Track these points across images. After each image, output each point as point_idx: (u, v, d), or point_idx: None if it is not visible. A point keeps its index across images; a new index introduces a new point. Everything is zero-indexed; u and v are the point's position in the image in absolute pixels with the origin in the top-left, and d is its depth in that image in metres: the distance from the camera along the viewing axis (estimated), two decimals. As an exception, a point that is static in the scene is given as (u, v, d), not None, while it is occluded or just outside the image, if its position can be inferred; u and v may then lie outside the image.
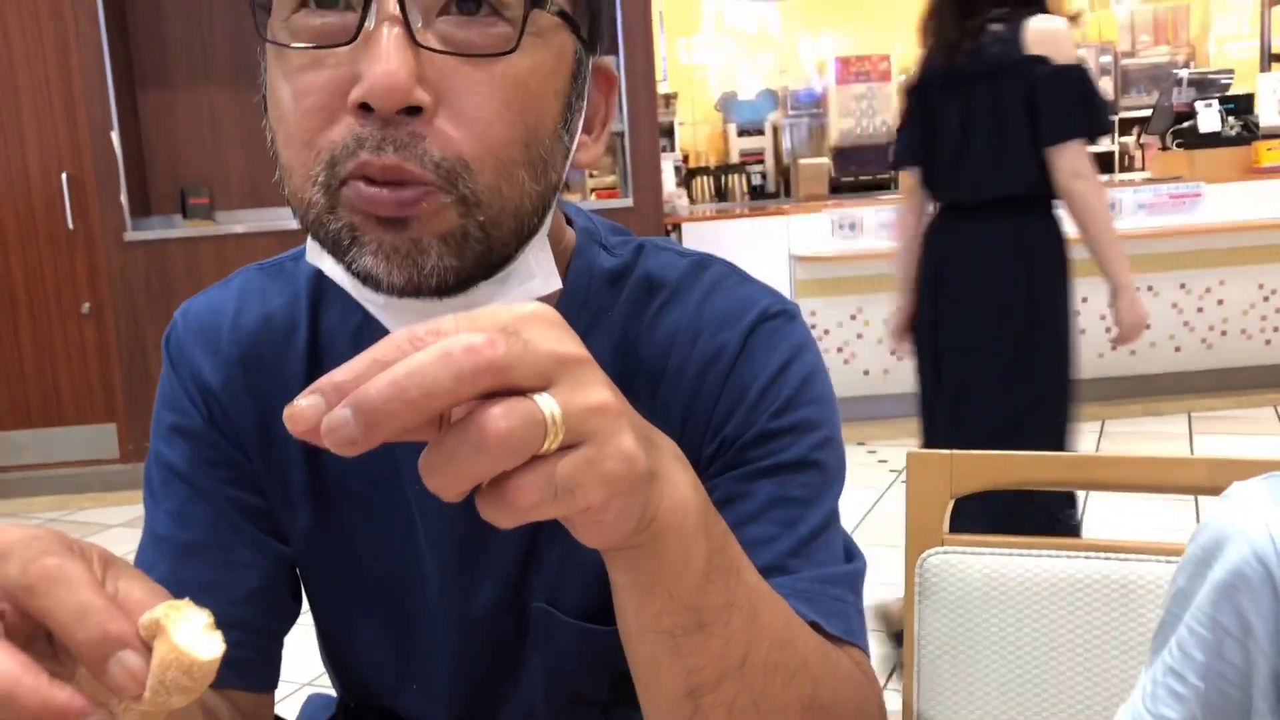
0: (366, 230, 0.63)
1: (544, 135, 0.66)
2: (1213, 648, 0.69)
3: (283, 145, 0.65)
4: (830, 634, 0.70)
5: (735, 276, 0.81)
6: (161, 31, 5.10)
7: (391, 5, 0.60)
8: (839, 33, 9.24)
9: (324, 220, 0.64)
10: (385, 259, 0.63)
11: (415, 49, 0.60)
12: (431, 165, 0.61)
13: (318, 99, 0.62)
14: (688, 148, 8.95)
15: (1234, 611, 0.69)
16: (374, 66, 0.59)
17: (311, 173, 0.63)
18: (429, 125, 0.61)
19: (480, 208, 0.63)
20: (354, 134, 0.61)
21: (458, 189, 0.62)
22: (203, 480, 0.80)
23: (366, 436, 0.41)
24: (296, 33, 0.63)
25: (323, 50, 0.62)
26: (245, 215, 5.14)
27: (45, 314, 5.02)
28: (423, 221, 0.62)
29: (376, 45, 0.60)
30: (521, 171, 0.65)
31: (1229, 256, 5.19)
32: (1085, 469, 1.04)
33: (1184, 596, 0.73)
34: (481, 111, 0.62)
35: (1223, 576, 0.69)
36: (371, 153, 0.61)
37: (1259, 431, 4.72)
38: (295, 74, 0.63)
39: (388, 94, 0.59)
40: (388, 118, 0.60)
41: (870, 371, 5.27)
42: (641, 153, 5.06)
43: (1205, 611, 0.70)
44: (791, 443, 0.75)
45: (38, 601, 0.44)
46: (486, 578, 0.80)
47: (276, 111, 0.65)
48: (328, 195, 0.63)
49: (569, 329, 0.47)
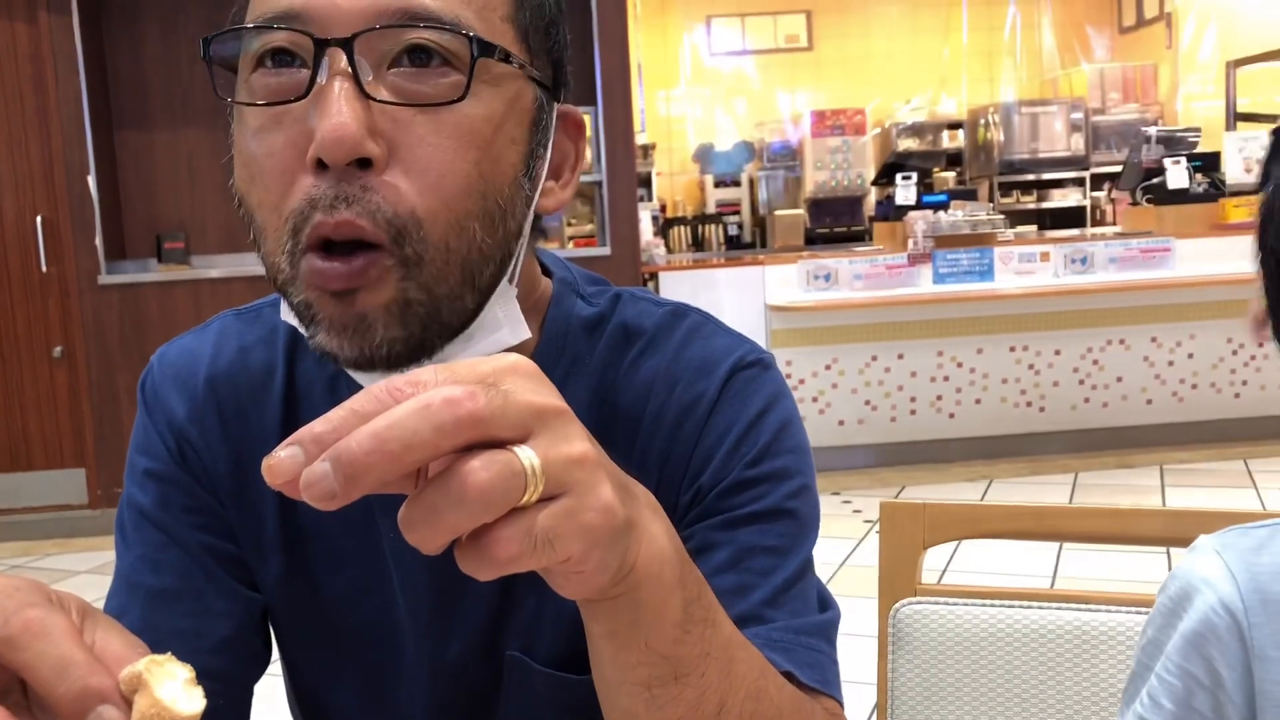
0: (320, 306, 0.64)
1: (502, 183, 0.67)
2: (1182, 697, 0.70)
3: (254, 209, 0.66)
4: (805, 684, 0.70)
5: (711, 325, 0.82)
6: (139, 76, 5.11)
7: (341, 60, 0.61)
8: (814, 87, 9.36)
9: (288, 291, 0.65)
10: (336, 335, 0.64)
11: (365, 101, 0.61)
12: (384, 221, 0.62)
13: (279, 160, 0.63)
14: (665, 197, 9.02)
15: (1203, 661, 0.69)
16: (324, 121, 0.60)
17: (281, 240, 0.64)
18: (380, 178, 0.62)
19: (422, 267, 0.64)
20: (309, 197, 0.62)
21: (403, 249, 0.63)
22: (176, 526, 0.80)
23: (346, 490, 0.41)
24: (254, 91, 0.65)
25: (279, 108, 0.63)
26: (220, 260, 5.13)
27: (16, 357, 4.97)
28: (368, 291, 0.63)
29: (327, 100, 0.61)
30: (474, 223, 0.65)
31: (1198, 310, 5.26)
32: (1055, 521, 1.04)
33: (1154, 646, 0.73)
34: (434, 162, 0.63)
35: (1191, 627, 0.70)
36: (324, 212, 0.62)
37: (1230, 484, 4.75)
38: (256, 135, 0.64)
39: (336, 145, 0.60)
40: (340, 173, 0.61)
41: (845, 421, 5.28)
42: (619, 202, 5.10)
43: (1175, 661, 0.71)
44: (767, 491, 0.75)
45: (17, 655, 0.44)
46: (461, 626, 0.80)
47: (244, 174, 0.66)
48: (292, 265, 0.64)
49: (547, 381, 0.48)
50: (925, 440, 5.34)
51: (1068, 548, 3.88)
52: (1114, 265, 5.21)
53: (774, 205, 8.84)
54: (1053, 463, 5.25)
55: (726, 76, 9.43)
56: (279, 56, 0.64)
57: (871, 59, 9.34)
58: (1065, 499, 4.66)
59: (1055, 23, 9.43)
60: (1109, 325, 5.28)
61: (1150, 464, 5.11)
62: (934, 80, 9.39)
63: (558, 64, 0.72)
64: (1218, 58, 8.04)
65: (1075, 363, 5.32)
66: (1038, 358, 5.29)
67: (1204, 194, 5.56)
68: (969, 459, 5.35)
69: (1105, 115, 8.78)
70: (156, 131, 5.13)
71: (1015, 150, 8.59)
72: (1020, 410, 5.33)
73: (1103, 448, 5.36)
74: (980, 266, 5.19)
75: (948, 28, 9.38)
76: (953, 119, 9.11)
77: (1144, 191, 5.72)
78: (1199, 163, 5.65)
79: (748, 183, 9.05)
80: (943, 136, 9.00)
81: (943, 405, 5.30)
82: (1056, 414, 5.35)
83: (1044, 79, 9.50)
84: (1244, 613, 0.69)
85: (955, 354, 5.27)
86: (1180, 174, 5.52)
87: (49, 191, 4.89)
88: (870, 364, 5.25)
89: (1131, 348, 5.30)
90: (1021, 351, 5.29)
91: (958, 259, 5.19)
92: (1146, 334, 5.30)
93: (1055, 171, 8.63)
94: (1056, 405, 5.34)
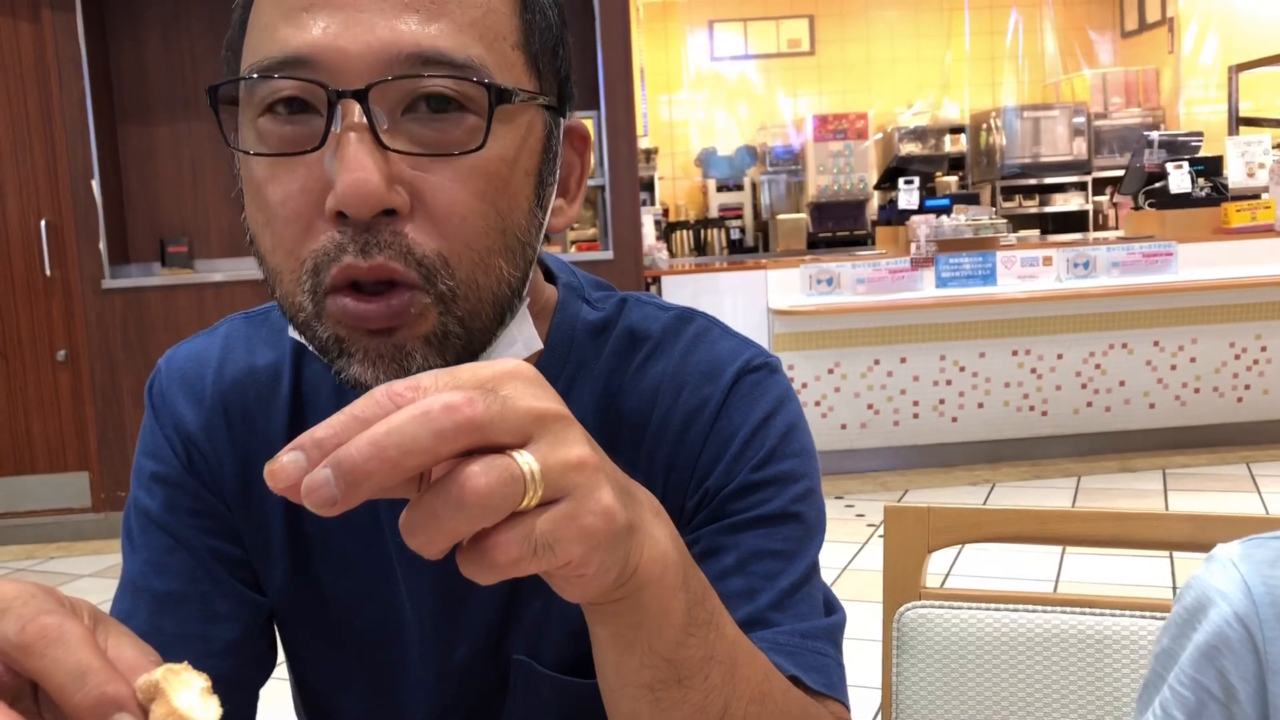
0: (353, 340, 0.64)
1: (519, 218, 0.67)
2: (1194, 710, 0.70)
3: (268, 252, 0.66)
4: (811, 688, 0.70)
5: (717, 330, 0.82)
6: (144, 80, 5.12)
7: (357, 111, 0.61)
8: (817, 91, 9.37)
9: (312, 326, 0.65)
10: (372, 365, 0.64)
11: (383, 152, 0.61)
12: (415, 263, 0.62)
13: (294, 207, 0.63)
14: (668, 202, 9.03)
15: (1216, 674, 0.69)
16: (345, 175, 0.60)
17: (301, 280, 0.64)
18: (405, 224, 0.62)
19: (457, 302, 0.64)
20: (335, 241, 0.62)
21: (436, 286, 0.63)
22: (182, 529, 0.80)
23: (346, 496, 0.41)
24: (264, 137, 0.64)
25: (292, 157, 0.63)
26: (224, 264, 5.14)
27: (20, 360, 4.98)
28: (408, 326, 0.63)
29: (345, 153, 0.60)
30: (498, 260, 0.66)
31: (1201, 314, 5.26)
32: (1059, 524, 1.04)
33: (1168, 656, 0.73)
34: (455, 206, 0.63)
35: (1205, 639, 0.70)
36: (356, 255, 0.61)
37: (1233, 489, 4.75)
38: (270, 183, 0.64)
39: (361, 201, 0.60)
40: (366, 223, 0.61)
41: (847, 425, 5.28)
42: (621, 206, 5.10)
43: (1188, 673, 0.70)
44: (773, 495, 0.75)
45: (33, 661, 0.44)
46: (467, 629, 0.80)
47: (258, 218, 0.66)
48: (314, 302, 0.64)
49: (547, 385, 0.48)
50: (927, 444, 5.34)
51: (1070, 552, 3.87)
52: (1116, 269, 5.20)
53: (776, 209, 8.84)
54: (1055, 467, 5.25)
55: (729, 81, 9.44)
56: (290, 103, 0.63)
57: (874, 63, 9.34)
58: (1067, 503, 4.66)
59: (1057, 27, 9.43)
60: (1111, 329, 5.28)
61: (1153, 468, 5.11)
62: (936, 85, 9.39)
63: (564, 80, 0.72)
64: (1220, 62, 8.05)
65: (1078, 367, 5.31)
66: (1040, 362, 5.29)
67: (1206, 198, 5.55)
68: (971, 463, 5.34)
69: (1107, 120, 8.79)
70: (160, 135, 5.14)
71: (1017, 155, 8.60)
72: (1022, 414, 5.33)
73: (1105, 452, 5.36)
74: (983, 271, 5.19)
75: (950, 32, 9.39)
76: (955, 123, 9.11)
77: (1146, 196, 5.72)
78: (1201, 167, 5.65)
79: (750, 187, 9.05)
80: (945, 141, 9.00)
81: (945, 409, 5.30)
82: (1059, 418, 5.35)
83: (1046, 83, 9.51)
84: (1259, 626, 0.69)
85: (957, 358, 5.27)
86: (1182, 178, 5.52)
87: (53, 195, 4.90)
88: (873, 368, 5.25)
89: (1134, 352, 5.30)
90: (1024, 355, 5.29)
91: (960, 263, 5.19)
92: (1149, 338, 5.29)
93: (1057, 176, 8.63)
94: (1059, 409, 5.34)
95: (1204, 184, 5.61)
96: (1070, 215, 8.52)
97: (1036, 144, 8.61)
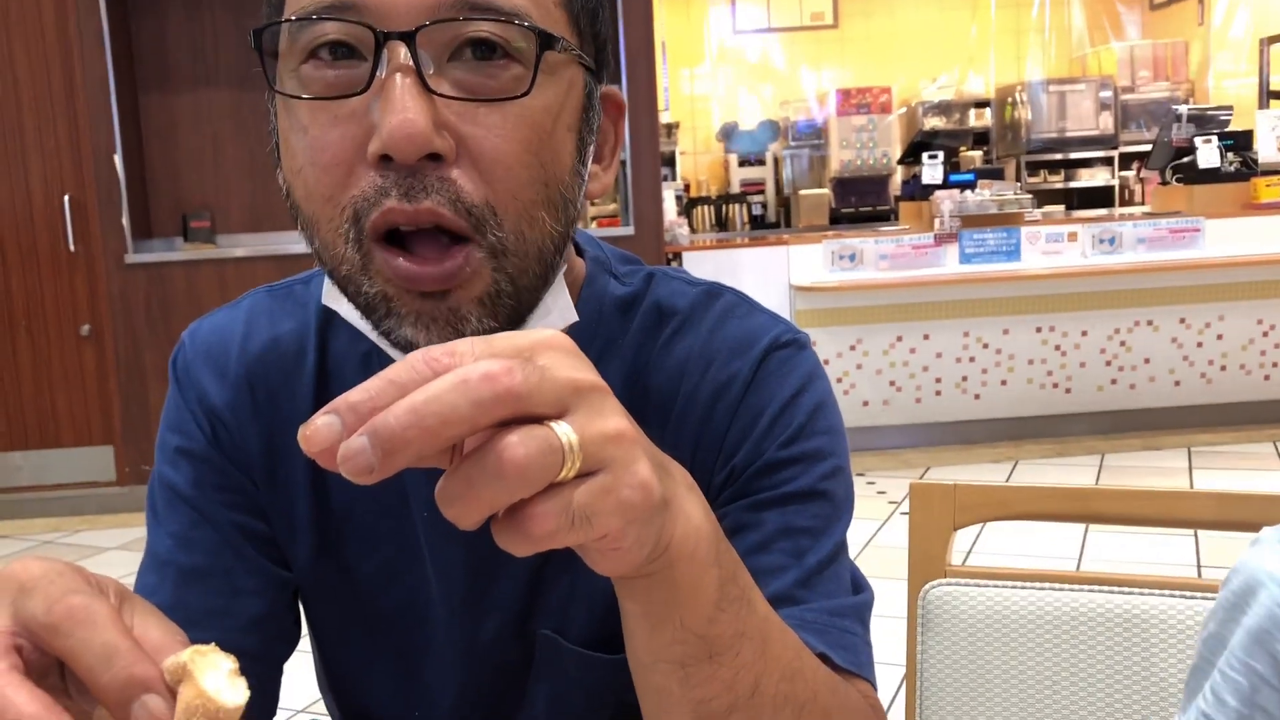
0: (402, 300, 0.63)
1: (562, 173, 0.66)
2: (1247, 694, 0.69)
3: (303, 200, 0.65)
4: (839, 666, 0.70)
5: (746, 305, 0.82)
6: (165, 54, 5.12)
7: (403, 54, 0.60)
8: (840, 65, 9.30)
9: (358, 281, 0.64)
10: (425, 328, 0.63)
11: (429, 96, 0.60)
12: (465, 211, 0.61)
13: (335, 153, 0.62)
14: (689, 177, 8.99)
15: (1268, 658, 0.68)
16: (391, 117, 0.59)
17: (341, 229, 0.63)
18: (450, 172, 0.61)
19: (506, 256, 0.63)
20: (376, 185, 0.61)
21: (486, 237, 0.62)
22: (207, 504, 0.80)
23: (384, 465, 0.41)
24: (307, 84, 0.63)
25: (334, 102, 0.62)
26: (246, 239, 5.15)
27: (44, 335, 5.01)
28: (463, 288, 0.63)
29: (391, 95, 0.59)
30: (542, 213, 0.65)
31: (1228, 291, 5.21)
32: (1087, 502, 1.03)
33: (1217, 641, 0.72)
34: (501, 154, 0.62)
35: (1256, 623, 0.69)
36: (400, 199, 0.60)
37: (1258, 467, 4.72)
38: (309, 128, 0.63)
39: (408, 142, 0.59)
40: (411, 167, 0.60)
41: (870, 402, 5.27)
42: (643, 181, 5.08)
43: (1239, 658, 0.69)
44: (801, 472, 0.75)
45: (61, 641, 0.43)
46: (494, 605, 0.80)
47: (293, 165, 0.65)
48: (360, 253, 0.63)
49: (583, 356, 0.47)
50: (950, 421, 5.32)
51: (1093, 530, 3.86)
52: (1142, 245, 5.16)
53: (799, 185, 8.80)
54: (1079, 444, 5.22)
55: (751, 55, 9.38)
56: (336, 49, 0.62)
57: (898, 37, 9.26)
58: (1091, 481, 4.64)
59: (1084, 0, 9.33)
60: (1137, 306, 5.24)
61: (1178, 446, 5.08)
62: (961, 58, 9.30)
63: (602, 46, 0.71)
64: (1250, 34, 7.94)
65: (1102, 344, 5.28)
66: (1064, 339, 5.26)
67: (1235, 173, 5.49)
68: (994, 440, 5.32)
69: (1135, 94, 8.68)
70: (182, 109, 5.15)
71: (1043, 129, 8.51)
72: (1046, 391, 5.30)
73: (1129, 429, 5.32)
74: (1007, 246, 5.15)
75: (975, 5, 9.28)
76: (980, 97, 9.03)
77: (1174, 171, 5.66)
78: (1230, 141, 5.58)
79: (772, 162, 9.00)
80: (970, 115, 8.92)
81: (968, 386, 5.28)
82: (1083, 395, 5.32)
83: (1073, 57, 9.40)
84: None
85: (981, 335, 5.24)
86: (1211, 153, 5.46)
87: (76, 170, 4.92)
88: (895, 345, 5.23)
89: (1160, 329, 5.26)
90: (1048, 332, 5.25)
91: (984, 239, 5.15)
92: (1175, 315, 5.25)
93: (1083, 151, 8.55)
94: (1083, 386, 5.31)
95: (1233, 159, 5.54)
96: (1096, 190, 8.44)
97: (1062, 118, 8.52)
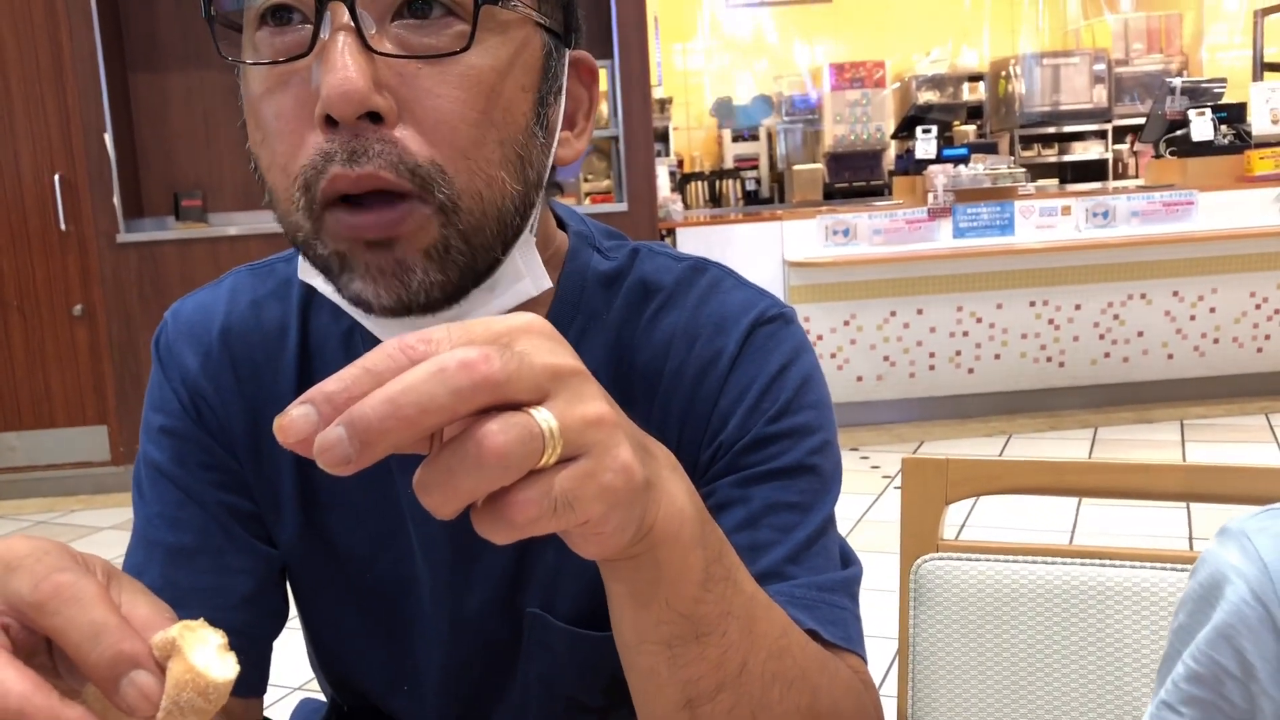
0: (354, 254, 0.63)
1: (516, 132, 0.66)
2: (1212, 687, 0.69)
3: (266, 170, 0.66)
4: (828, 641, 0.70)
5: (731, 280, 0.81)
6: (155, 33, 5.08)
7: (343, 15, 0.60)
8: (833, 39, 9.25)
9: (312, 245, 0.65)
10: (373, 281, 0.63)
11: (369, 55, 0.60)
12: (407, 172, 0.61)
13: (287, 120, 0.63)
14: (682, 153, 8.96)
15: (1234, 653, 0.68)
16: (329, 76, 0.59)
17: (294, 198, 0.63)
18: (394, 132, 0.61)
19: (459, 214, 0.63)
20: (321, 151, 0.61)
21: (435, 195, 0.62)
22: (193, 483, 0.80)
23: (361, 456, 0.40)
24: (258, 52, 0.64)
25: (283, 67, 0.62)
26: (238, 218, 5.13)
27: (37, 316, 5.00)
28: (407, 239, 0.63)
29: (330, 55, 0.60)
30: (500, 172, 0.65)
31: (1221, 264, 5.21)
32: (1079, 476, 1.03)
33: (1185, 633, 0.72)
34: (444, 114, 0.62)
35: (1222, 618, 0.68)
36: (343, 165, 0.61)
37: (1250, 439, 4.73)
38: (264, 96, 0.64)
39: (344, 100, 0.59)
40: (353, 128, 0.60)
41: (863, 377, 5.27)
42: (636, 157, 5.06)
43: (1204, 651, 0.69)
44: (789, 447, 0.74)
45: (48, 620, 0.43)
46: (480, 581, 0.79)
47: (256, 136, 0.65)
48: (312, 219, 0.63)
49: (563, 340, 0.47)
50: (944, 396, 5.32)
51: (1086, 503, 3.87)
52: (1136, 219, 5.15)
53: (793, 160, 8.77)
54: (1072, 418, 5.23)
55: (744, 29, 9.33)
56: (280, 13, 0.63)
57: (891, 10, 9.21)
58: (1084, 454, 4.65)
59: (1079, -28, 9.28)
60: (1130, 280, 5.24)
61: (1170, 419, 5.09)
62: (954, 32, 9.26)
63: (568, 8, 0.71)
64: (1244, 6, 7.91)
65: (1096, 317, 5.28)
66: (1058, 313, 5.26)
67: (1229, 145, 5.48)
68: (988, 415, 5.33)
69: (1129, 66, 8.66)
70: (173, 88, 5.12)
71: (1037, 103, 8.49)
72: (1040, 365, 5.30)
73: (1122, 403, 5.33)
74: (1001, 221, 5.14)
75: (969, -22, 9.24)
76: (973, 71, 9.00)
77: (1167, 144, 5.65)
78: (1224, 114, 5.57)
79: (766, 137, 8.97)
80: (963, 89, 8.90)
81: (962, 361, 5.28)
82: (1076, 369, 5.32)
83: (1066, 30, 9.36)
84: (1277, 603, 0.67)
85: (975, 309, 5.24)
86: (1205, 125, 5.44)
87: (66, 149, 4.89)
88: (889, 319, 5.23)
89: (1153, 302, 5.26)
90: (1041, 306, 5.25)
91: (978, 213, 5.14)
92: (1168, 288, 5.25)
93: (1077, 124, 8.53)
94: (1076, 360, 5.31)
95: (1226, 131, 5.53)
96: (1090, 164, 8.42)
97: (1056, 92, 8.50)
